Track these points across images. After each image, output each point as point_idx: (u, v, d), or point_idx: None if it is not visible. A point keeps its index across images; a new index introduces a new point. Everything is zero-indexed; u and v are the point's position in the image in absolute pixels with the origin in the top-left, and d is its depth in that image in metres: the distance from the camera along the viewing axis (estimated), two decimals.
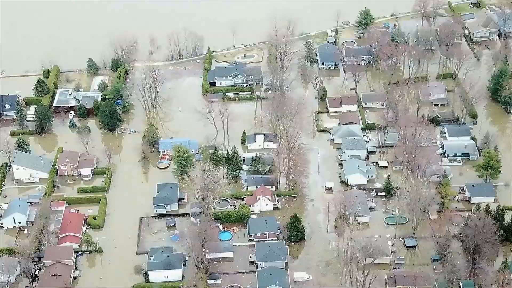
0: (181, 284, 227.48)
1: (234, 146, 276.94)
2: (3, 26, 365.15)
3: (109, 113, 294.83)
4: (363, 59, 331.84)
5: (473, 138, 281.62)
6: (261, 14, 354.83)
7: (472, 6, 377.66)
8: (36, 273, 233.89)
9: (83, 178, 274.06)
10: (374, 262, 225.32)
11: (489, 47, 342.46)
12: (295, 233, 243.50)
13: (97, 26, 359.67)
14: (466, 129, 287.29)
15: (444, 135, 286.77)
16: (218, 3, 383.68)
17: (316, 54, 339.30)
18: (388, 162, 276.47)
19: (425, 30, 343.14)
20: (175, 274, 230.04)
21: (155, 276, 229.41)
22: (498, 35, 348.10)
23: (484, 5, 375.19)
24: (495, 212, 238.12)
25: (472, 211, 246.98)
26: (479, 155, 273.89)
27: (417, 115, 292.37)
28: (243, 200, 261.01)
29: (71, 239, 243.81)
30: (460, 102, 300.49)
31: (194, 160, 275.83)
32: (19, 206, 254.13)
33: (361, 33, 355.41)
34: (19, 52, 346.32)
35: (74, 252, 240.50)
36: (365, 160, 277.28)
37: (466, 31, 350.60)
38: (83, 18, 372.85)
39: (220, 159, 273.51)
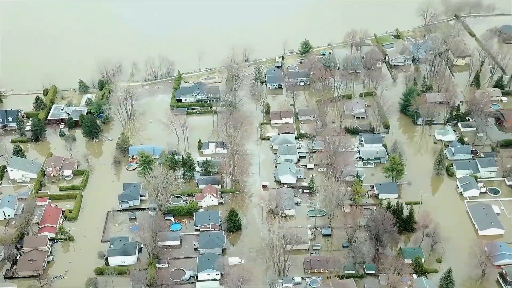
0: (134, 267, 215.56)
1: (188, 151, 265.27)
2: (12, 52, 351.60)
3: (90, 124, 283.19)
4: (301, 81, 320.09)
5: (384, 145, 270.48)
6: (224, 43, 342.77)
7: (393, 37, 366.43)
8: (18, 258, 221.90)
9: (65, 178, 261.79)
10: (294, 249, 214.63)
11: (404, 70, 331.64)
12: (233, 224, 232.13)
13: (89, 52, 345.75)
14: (379, 137, 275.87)
15: (362, 142, 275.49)
16: (187, 33, 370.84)
17: (265, 76, 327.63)
18: (314, 165, 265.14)
19: (352, 57, 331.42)
20: (130, 259, 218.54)
21: (114, 261, 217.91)
22: (412, 61, 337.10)
23: (403, 37, 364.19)
24: (395, 207, 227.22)
25: (375, 207, 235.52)
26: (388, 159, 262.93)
27: (341, 127, 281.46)
28: (193, 196, 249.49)
29: (48, 229, 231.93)
30: (376, 115, 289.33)
31: (157, 163, 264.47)
32: (8, 201, 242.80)
33: (303, 59, 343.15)
34: (24, 73, 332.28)
35: (50, 240, 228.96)
36: (296, 163, 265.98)
37: (387, 58, 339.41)
38: (78, 45, 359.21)
39: (177, 163, 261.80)
